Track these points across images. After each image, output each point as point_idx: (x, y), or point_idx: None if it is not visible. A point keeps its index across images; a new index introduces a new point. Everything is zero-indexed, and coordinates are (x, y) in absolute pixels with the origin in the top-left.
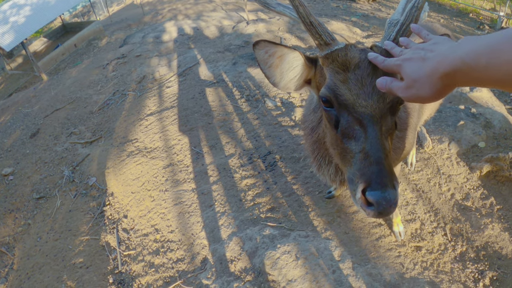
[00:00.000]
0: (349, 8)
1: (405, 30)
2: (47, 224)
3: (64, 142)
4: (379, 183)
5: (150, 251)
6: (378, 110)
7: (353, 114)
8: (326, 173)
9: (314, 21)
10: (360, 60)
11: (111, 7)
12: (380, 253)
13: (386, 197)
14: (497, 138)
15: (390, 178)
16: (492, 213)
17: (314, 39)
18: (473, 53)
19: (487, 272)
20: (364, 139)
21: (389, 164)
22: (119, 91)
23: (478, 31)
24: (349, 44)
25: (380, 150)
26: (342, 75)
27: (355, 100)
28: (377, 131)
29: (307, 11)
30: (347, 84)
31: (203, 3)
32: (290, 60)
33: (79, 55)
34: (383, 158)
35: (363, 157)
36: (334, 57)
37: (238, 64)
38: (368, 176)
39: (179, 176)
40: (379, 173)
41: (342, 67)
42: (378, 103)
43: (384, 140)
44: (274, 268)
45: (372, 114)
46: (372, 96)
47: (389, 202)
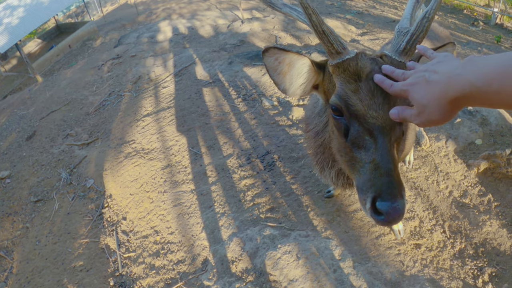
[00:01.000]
0: (343, 6)
1: (415, 41)
2: (45, 227)
3: (60, 144)
4: (389, 194)
5: (151, 253)
6: (388, 121)
7: (363, 125)
8: (328, 176)
9: (327, 29)
10: (371, 70)
11: (105, 7)
12: (380, 252)
13: (396, 207)
14: (493, 135)
15: (399, 189)
16: (490, 210)
17: (325, 47)
18: (483, 77)
19: (486, 268)
20: (375, 150)
21: (398, 174)
22: (114, 91)
23: (472, 28)
24: (360, 53)
25: (390, 162)
26: (354, 85)
27: (366, 111)
28: (387, 142)
29: (320, 19)
30: (358, 95)
31: (197, 2)
32: (299, 67)
33: (73, 56)
34: (393, 169)
35: (373, 167)
36: (346, 66)
37: (234, 64)
38: (379, 187)
39: (177, 177)
40: (389, 184)
41: (354, 76)
42: (387, 115)
43: (393, 150)
44: (275, 268)
45: (382, 125)
46: (383, 107)
47: (398, 212)
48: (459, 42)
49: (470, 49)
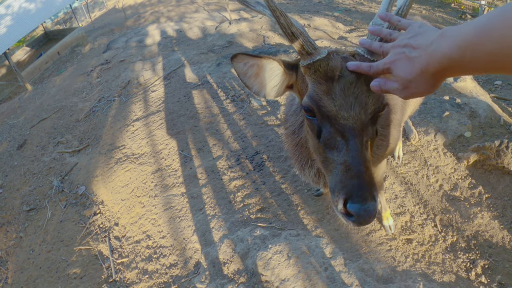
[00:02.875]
0: (331, 3)
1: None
2: (39, 236)
3: (51, 152)
4: (360, 196)
5: (143, 257)
6: (360, 122)
7: (335, 126)
8: (308, 175)
9: (296, 31)
10: (342, 69)
11: (93, 13)
12: (371, 248)
13: (366, 209)
14: (482, 127)
15: (370, 190)
16: (481, 202)
17: (296, 48)
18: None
19: (478, 261)
20: (346, 152)
21: (369, 175)
22: (104, 97)
23: (460, 21)
24: (332, 52)
25: (361, 164)
26: (325, 85)
27: (337, 111)
28: (359, 143)
29: (288, 21)
30: (329, 95)
31: (185, 4)
32: (269, 70)
33: (62, 63)
34: (364, 171)
35: (344, 169)
36: (316, 67)
37: (222, 65)
38: (349, 189)
39: (168, 181)
40: (359, 186)
41: (325, 77)
42: (360, 114)
43: (365, 151)
44: (267, 268)
45: (354, 126)
46: (354, 108)
47: (368, 214)
48: None
49: None
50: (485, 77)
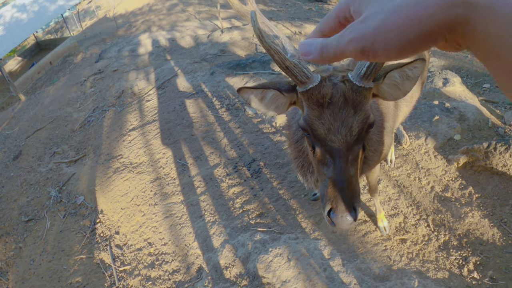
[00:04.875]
0: (321, 10)
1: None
2: (38, 246)
3: (48, 163)
4: (339, 208)
5: (146, 264)
6: (345, 144)
7: (324, 146)
8: (310, 180)
9: (289, 64)
10: (332, 96)
11: (84, 22)
12: (367, 248)
13: (344, 220)
14: (471, 130)
15: (350, 203)
16: (471, 202)
17: (291, 79)
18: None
19: (470, 257)
20: (333, 169)
21: (351, 190)
22: (98, 107)
23: None
24: (324, 79)
25: (344, 181)
26: (316, 111)
27: (326, 134)
28: (343, 162)
29: (282, 57)
30: (320, 120)
31: (176, 13)
32: (270, 98)
33: (55, 73)
34: (346, 187)
35: (331, 183)
36: (309, 95)
37: (216, 74)
38: (332, 201)
39: (167, 189)
40: (341, 200)
41: (316, 103)
42: (346, 137)
43: (351, 167)
44: (268, 271)
45: (340, 147)
46: (341, 131)
47: (346, 223)
48: None
49: None
50: (474, 81)
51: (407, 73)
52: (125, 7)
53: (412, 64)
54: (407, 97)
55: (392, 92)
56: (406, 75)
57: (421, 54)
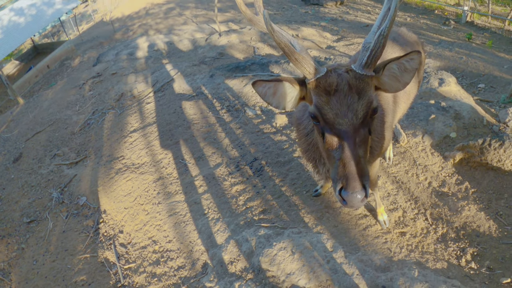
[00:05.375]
0: (317, 13)
1: (374, 56)
2: (41, 246)
3: (48, 165)
4: (350, 185)
5: (151, 262)
6: (352, 126)
7: (333, 130)
8: (321, 171)
9: (298, 56)
10: (338, 84)
11: (81, 26)
12: (368, 241)
13: (355, 196)
14: (467, 127)
15: (360, 181)
16: (467, 196)
17: (300, 70)
18: None
19: (468, 249)
20: (342, 150)
21: (361, 169)
22: (98, 110)
23: (444, 27)
24: (330, 70)
25: (352, 160)
26: (325, 98)
27: (334, 118)
28: (352, 143)
29: (291, 49)
30: (328, 105)
31: (173, 16)
32: (283, 88)
33: (52, 76)
34: (355, 165)
35: (341, 164)
36: (317, 83)
37: (215, 76)
38: (343, 179)
39: (170, 189)
40: (351, 178)
41: (325, 91)
42: (352, 120)
43: (358, 149)
44: (273, 264)
45: (347, 130)
46: (347, 115)
47: (356, 199)
48: (432, 42)
49: (442, 48)
50: (469, 81)
51: (405, 65)
52: (121, 11)
53: (409, 55)
54: (405, 94)
55: (392, 84)
56: (404, 67)
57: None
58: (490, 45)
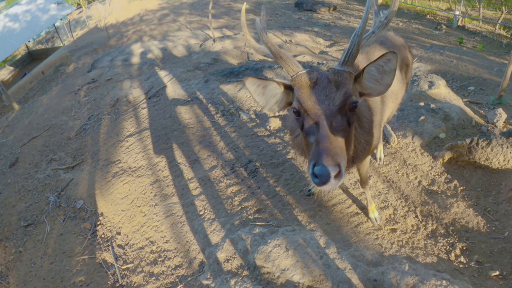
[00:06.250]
0: (311, 19)
1: (351, 54)
2: (39, 249)
3: (45, 169)
4: (323, 161)
5: (148, 262)
6: (328, 111)
7: (311, 116)
8: None
9: (284, 55)
10: (317, 79)
11: (75, 32)
12: (360, 238)
13: (327, 170)
14: (456, 128)
15: (333, 158)
16: (456, 194)
17: (285, 68)
18: None
19: (457, 244)
20: (317, 132)
21: (335, 147)
22: (94, 115)
23: (435, 31)
24: (311, 70)
25: (326, 138)
26: (305, 90)
27: (312, 105)
28: (326, 126)
29: (277, 49)
30: (308, 95)
31: (167, 23)
32: (272, 89)
33: (47, 82)
34: (329, 143)
35: (315, 144)
36: (299, 78)
37: (210, 82)
38: (317, 156)
39: (166, 191)
40: (323, 154)
41: (305, 84)
42: (329, 105)
43: (334, 132)
44: (268, 260)
45: (324, 113)
46: (324, 102)
47: (328, 174)
48: (423, 46)
49: (433, 52)
50: (459, 84)
51: (383, 66)
52: (116, 17)
53: (385, 56)
54: (392, 94)
55: (375, 87)
56: (383, 69)
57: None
58: (481, 49)
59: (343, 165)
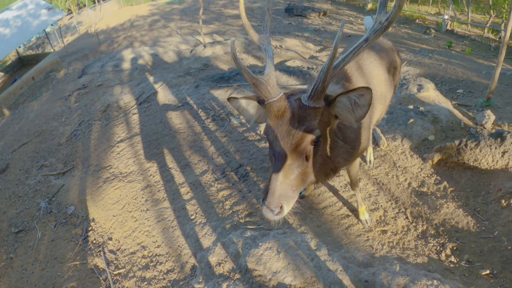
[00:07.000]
0: (301, 24)
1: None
2: (30, 256)
3: (36, 175)
4: (266, 202)
5: (140, 267)
6: (285, 150)
7: (272, 149)
8: None
9: (256, 81)
10: (284, 110)
11: (65, 38)
12: (351, 239)
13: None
14: (444, 130)
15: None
16: (446, 195)
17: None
18: None
19: (447, 244)
20: (273, 167)
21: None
22: (84, 121)
23: (425, 36)
24: (284, 96)
25: (278, 179)
26: (273, 121)
27: (273, 140)
28: (281, 164)
29: (251, 75)
30: (272, 128)
31: (158, 28)
32: (253, 105)
33: (37, 88)
34: (278, 184)
35: (270, 178)
36: (269, 106)
37: (201, 87)
38: (265, 194)
39: (158, 196)
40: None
41: (272, 114)
42: (286, 144)
43: (288, 171)
44: (259, 263)
45: (280, 152)
46: (284, 139)
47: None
48: (412, 51)
49: (422, 56)
50: (448, 87)
51: (356, 100)
52: (106, 23)
53: (357, 91)
54: (381, 96)
55: (348, 116)
56: (355, 102)
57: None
58: (470, 52)
59: (286, 205)
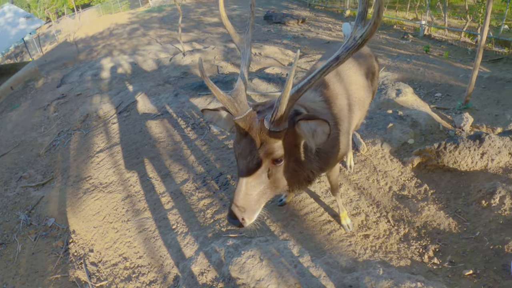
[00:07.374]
0: (280, 31)
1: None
2: (10, 269)
3: (14, 187)
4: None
5: (122, 278)
6: (247, 168)
7: (236, 163)
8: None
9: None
10: (248, 129)
11: (44, 46)
12: (333, 245)
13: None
14: (424, 134)
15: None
16: (427, 197)
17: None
18: None
19: (430, 246)
20: (236, 182)
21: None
22: (63, 131)
23: (402, 41)
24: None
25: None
26: (238, 137)
27: (237, 157)
28: (242, 183)
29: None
30: (237, 145)
31: (137, 37)
32: (222, 116)
33: (16, 98)
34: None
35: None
36: (236, 123)
37: (180, 95)
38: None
39: (138, 206)
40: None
41: (239, 131)
42: (248, 162)
43: (250, 187)
44: (242, 272)
45: (241, 169)
46: (246, 157)
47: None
48: (390, 56)
49: (400, 61)
50: (426, 91)
51: (314, 129)
52: (85, 32)
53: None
54: (359, 101)
55: (309, 139)
56: (314, 130)
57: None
58: (447, 56)
59: (248, 218)
